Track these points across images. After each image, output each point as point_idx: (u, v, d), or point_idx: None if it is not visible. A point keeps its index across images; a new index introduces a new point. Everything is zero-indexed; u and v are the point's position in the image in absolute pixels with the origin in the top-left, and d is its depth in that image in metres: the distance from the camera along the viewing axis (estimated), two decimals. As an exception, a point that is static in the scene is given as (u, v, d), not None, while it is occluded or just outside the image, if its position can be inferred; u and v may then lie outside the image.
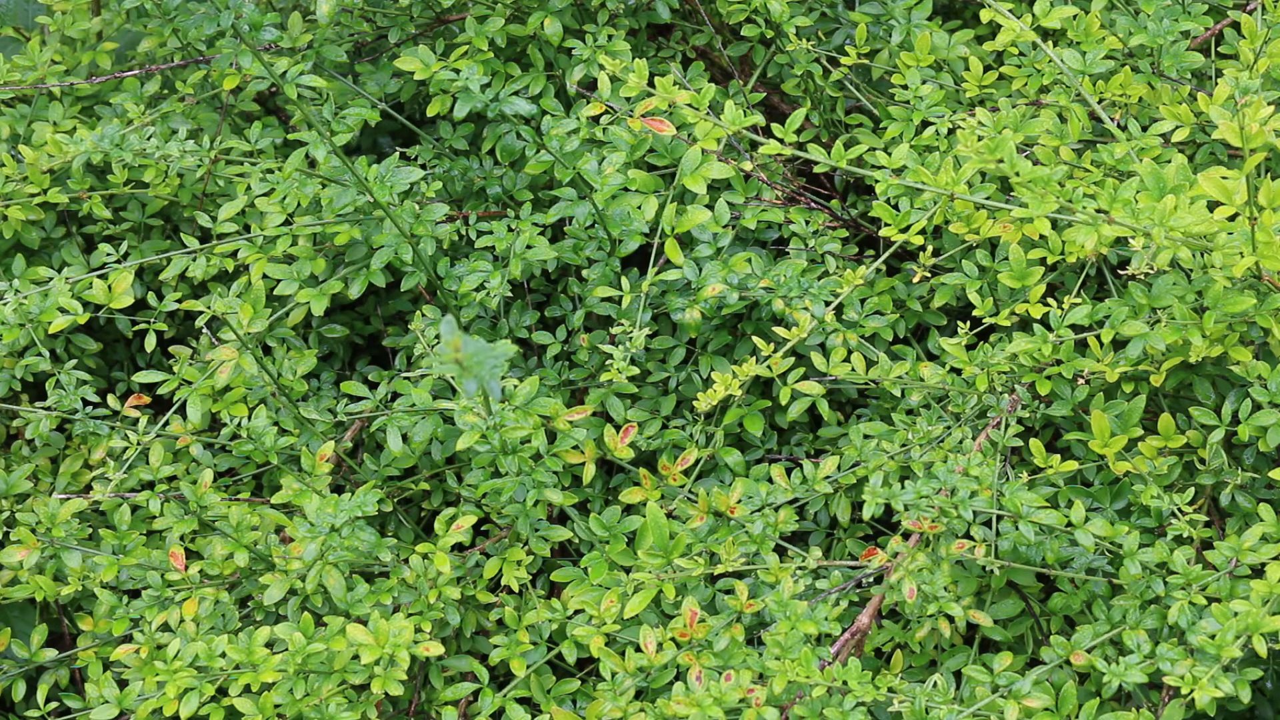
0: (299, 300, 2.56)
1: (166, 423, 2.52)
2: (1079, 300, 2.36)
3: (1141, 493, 2.34)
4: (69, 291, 2.53)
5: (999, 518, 2.31)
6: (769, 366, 2.44)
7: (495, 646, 2.42)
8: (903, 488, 2.28)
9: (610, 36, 2.65)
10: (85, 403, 2.51)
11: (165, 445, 2.54)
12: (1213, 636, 2.20)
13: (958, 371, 2.43)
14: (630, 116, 2.51)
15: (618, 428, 2.53)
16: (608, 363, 2.42)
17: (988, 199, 2.42)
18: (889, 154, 2.48)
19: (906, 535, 2.31)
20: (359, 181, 2.47)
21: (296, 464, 2.50)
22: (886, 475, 2.37)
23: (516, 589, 2.45)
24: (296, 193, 2.57)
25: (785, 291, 2.47)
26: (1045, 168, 2.38)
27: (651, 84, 2.45)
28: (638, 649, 2.33)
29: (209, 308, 2.56)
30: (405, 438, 2.47)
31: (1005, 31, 2.50)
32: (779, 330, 2.43)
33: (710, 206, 2.56)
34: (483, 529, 2.57)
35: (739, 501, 2.41)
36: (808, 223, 2.60)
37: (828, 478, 2.41)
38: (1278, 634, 2.19)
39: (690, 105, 2.46)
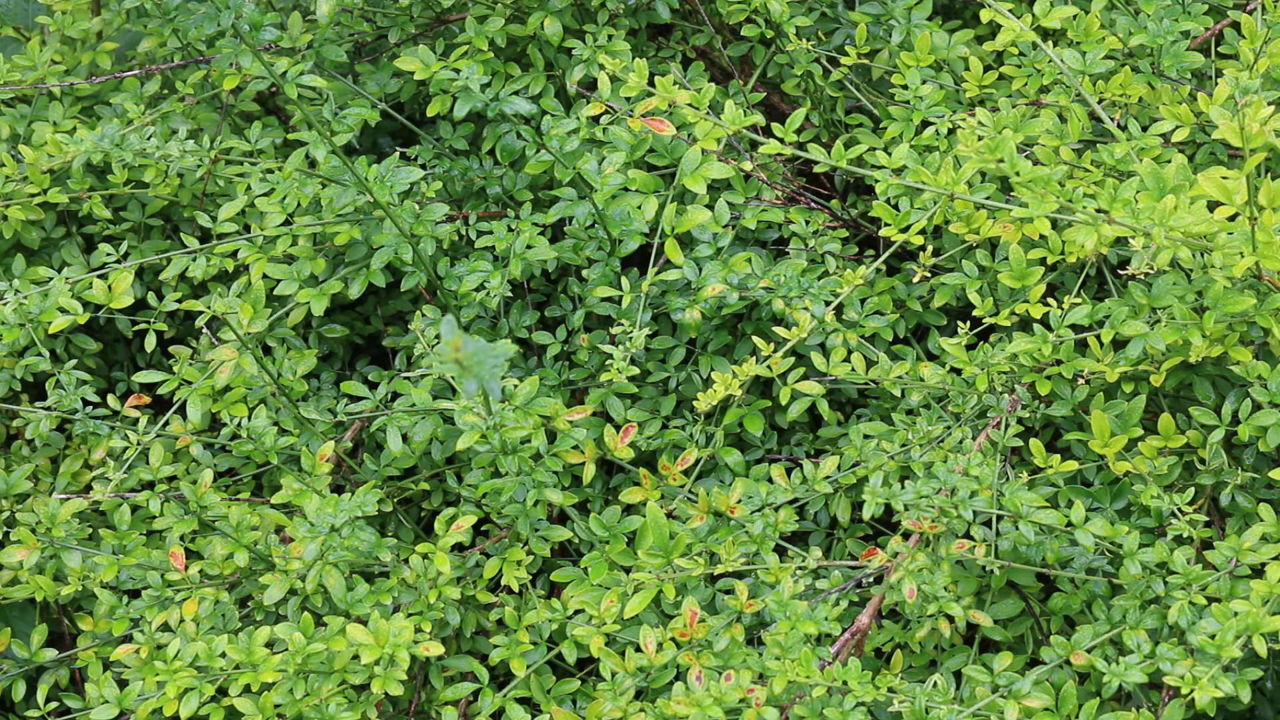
0: (299, 300, 2.56)
1: (166, 423, 2.52)
2: (1079, 300, 2.36)
3: (1141, 493, 2.34)
4: (69, 291, 2.53)
5: (999, 518, 2.31)
6: (769, 366, 2.44)
7: (495, 646, 2.42)
8: (903, 488, 2.28)
9: (610, 36, 2.65)
10: (85, 403, 2.51)
11: (165, 445, 2.54)
12: (1213, 636, 2.20)
13: (958, 371, 2.43)
14: (630, 116, 2.51)
15: (618, 428, 2.53)
16: (608, 363, 2.42)
17: (988, 199, 2.42)
18: (889, 154, 2.48)
19: (906, 535, 2.31)
20: (359, 181, 2.47)
21: (296, 464, 2.50)
22: (886, 475, 2.37)
23: (516, 589, 2.45)
24: (296, 193, 2.57)
25: (785, 291, 2.47)
26: (1045, 168, 2.38)
27: (651, 84, 2.45)
28: (638, 649, 2.33)
29: (209, 308, 2.56)
30: (405, 438, 2.47)
31: (1005, 31, 2.50)
32: (779, 330, 2.43)
33: (710, 206, 2.56)
34: (483, 529, 2.57)
35: (739, 501, 2.41)
36: (808, 223, 2.60)
37: (828, 478, 2.41)
38: (1278, 634, 2.19)
39: (690, 105, 2.46)
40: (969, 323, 2.43)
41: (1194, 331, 2.29)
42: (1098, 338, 2.35)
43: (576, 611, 2.41)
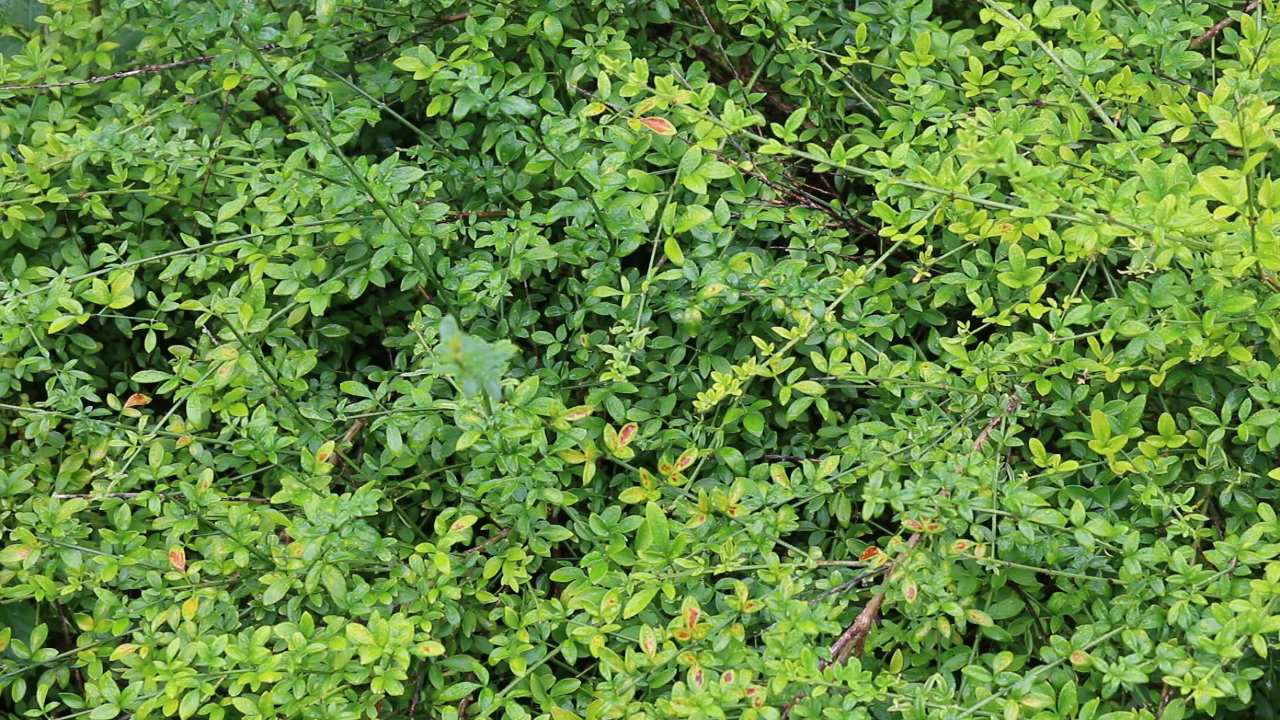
0: (299, 300, 2.56)
1: (166, 423, 2.52)
2: (1079, 300, 2.36)
3: (1141, 493, 2.34)
4: (69, 291, 2.53)
5: (999, 518, 2.31)
6: (769, 366, 2.44)
7: (495, 646, 2.42)
8: (903, 488, 2.28)
9: (610, 36, 2.65)
10: (85, 403, 2.51)
11: (165, 445, 2.54)
12: (1213, 636, 2.20)
13: (958, 371, 2.43)
14: (630, 116, 2.51)
15: (618, 428, 2.53)
16: (608, 363, 2.42)
17: (988, 199, 2.42)
18: (889, 154, 2.48)
19: (906, 535, 2.31)
20: (359, 181, 2.47)
21: (296, 464, 2.50)
22: (886, 475, 2.37)
23: (516, 589, 2.45)
24: (296, 193, 2.57)
25: (785, 291, 2.47)
26: (1045, 168, 2.38)
27: (651, 84, 2.45)
28: (638, 649, 2.33)
29: (209, 308, 2.56)
30: (405, 438, 2.47)
31: (1005, 31, 2.50)
32: (779, 330, 2.43)
33: (710, 206, 2.56)
34: (483, 529, 2.57)
35: (739, 501, 2.41)
36: (808, 223, 2.60)
37: (828, 478, 2.41)
38: (1278, 634, 2.19)
39: (690, 105, 2.46)
40: (969, 323, 2.43)
41: (1194, 331, 2.29)
42: (1098, 338, 2.35)
43: (576, 611, 2.41)
